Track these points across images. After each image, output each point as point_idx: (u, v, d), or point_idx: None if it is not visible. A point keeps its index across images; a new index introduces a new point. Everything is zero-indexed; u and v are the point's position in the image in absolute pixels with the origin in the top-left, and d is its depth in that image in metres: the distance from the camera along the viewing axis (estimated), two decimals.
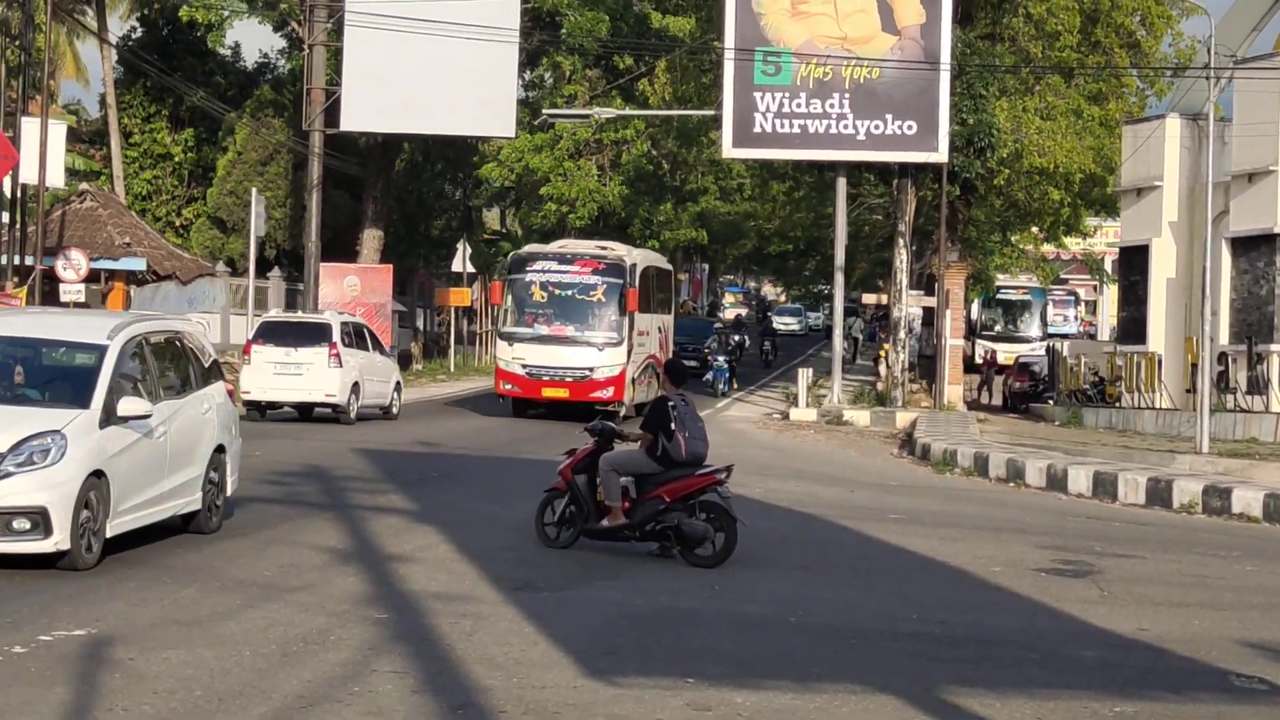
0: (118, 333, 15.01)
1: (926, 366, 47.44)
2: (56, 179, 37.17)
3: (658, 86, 57.54)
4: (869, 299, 56.77)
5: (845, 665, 11.87)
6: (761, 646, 12.36)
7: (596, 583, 14.84)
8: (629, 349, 36.14)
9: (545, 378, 35.96)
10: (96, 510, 13.90)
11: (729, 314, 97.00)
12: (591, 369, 35.81)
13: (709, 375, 48.80)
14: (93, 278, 38.34)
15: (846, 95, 39.76)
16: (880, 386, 44.26)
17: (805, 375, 42.57)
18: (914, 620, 13.62)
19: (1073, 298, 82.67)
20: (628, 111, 56.08)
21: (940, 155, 39.71)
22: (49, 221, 38.65)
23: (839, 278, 43.16)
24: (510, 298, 36.98)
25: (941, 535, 19.00)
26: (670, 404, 16.29)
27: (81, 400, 14.24)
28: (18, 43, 36.30)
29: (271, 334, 33.57)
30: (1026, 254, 64.08)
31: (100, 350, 14.73)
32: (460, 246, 56.93)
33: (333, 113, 45.63)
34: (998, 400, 51.05)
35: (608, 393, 35.73)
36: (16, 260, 36.05)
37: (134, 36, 62.07)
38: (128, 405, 14.37)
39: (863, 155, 40.71)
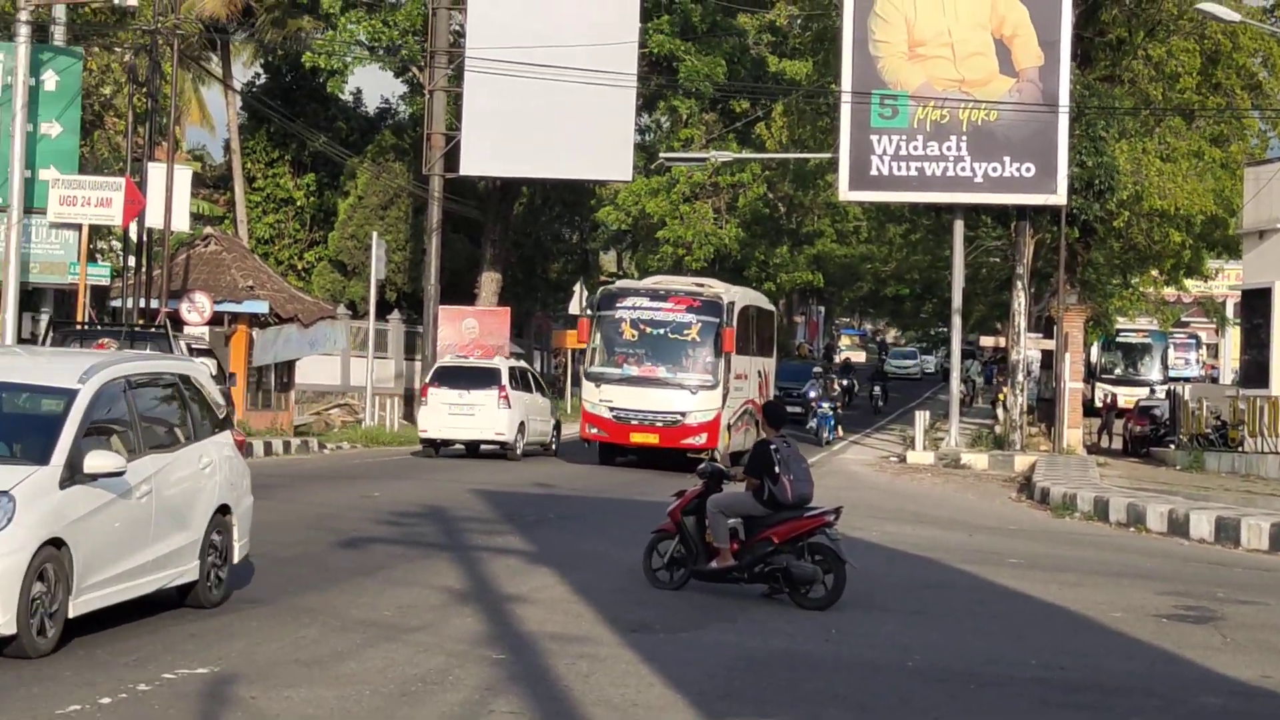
0: (92, 375, 12.89)
1: (1045, 410, 47.03)
2: (182, 223, 37.69)
3: (774, 129, 57.69)
4: (987, 342, 56.48)
5: (964, 710, 11.82)
6: (879, 690, 12.33)
7: (712, 625, 14.86)
8: (724, 392, 33.93)
9: (634, 422, 33.78)
10: (53, 586, 11.77)
11: (841, 357, 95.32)
12: (684, 413, 33.62)
13: (813, 422, 46.82)
14: (216, 320, 38.84)
15: (964, 137, 39.62)
16: (999, 430, 43.97)
17: (922, 418, 42.34)
18: (1033, 665, 13.53)
19: (1194, 341, 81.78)
20: (744, 155, 56.26)
21: (1059, 198, 39.46)
22: (174, 265, 39.19)
23: (956, 320, 42.94)
24: (598, 336, 34.62)
25: (1060, 580, 18.85)
26: (772, 447, 16.30)
27: (41, 455, 12.15)
28: (144, 89, 36.89)
29: (446, 377, 36.16)
30: (1146, 297, 63.45)
31: (69, 395, 12.60)
32: (577, 289, 57.17)
33: (452, 157, 46.08)
34: (1118, 444, 50.54)
35: (700, 439, 33.52)
36: (142, 304, 36.58)
37: (258, 83, 62.98)
38: (96, 460, 12.18)
39: (980, 198, 40.50)
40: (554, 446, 38.61)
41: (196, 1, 54.57)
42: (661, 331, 34.21)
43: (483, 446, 36.19)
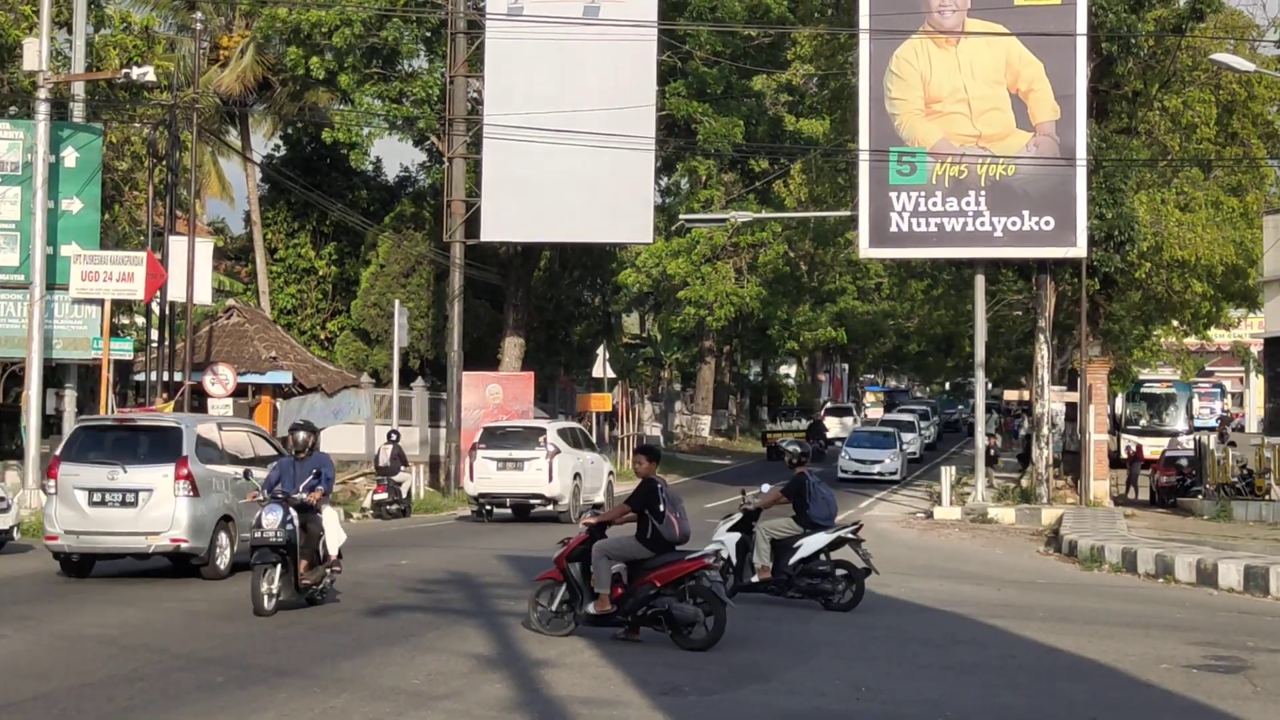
0: None
1: (1071, 462, 46.89)
2: (204, 296, 37.87)
3: (793, 188, 57.82)
4: (1010, 395, 56.34)
5: None
6: None
7: (744, 686, 14.83)
8: None
9: None
10: None
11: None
12: None
13: None
14: (240, 392, 38.96)
15: (982, 192, 39.67)
16: (1025, 483, 43.87)
17: (948, 473, 42.26)
18: (1065, 719, 13.49)
19: (1219, 390, 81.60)
20: (764, 214, 56.36)
21: (1079, 250, 39.45)
22: (197, 338, 39.35)
23: (979, 375, 42.91)
24: None
25: (1090, 633, 18.80)
26: (659, 485, 16.89)
27: None
28: (164, 163, 37.14)
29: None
30: (1168, 348, 63.39)
31: None
32: (600, 352, 57.21)
33: (473, 224, 46.22)
34: (1145, 495, 50.36)
35: None
36: (166, 376, 36.72)
37: (277, 155, 63.30)
38: None
39: (1000, 252, 40.51)
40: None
41: (214, 76, 54.96)
42: None
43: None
